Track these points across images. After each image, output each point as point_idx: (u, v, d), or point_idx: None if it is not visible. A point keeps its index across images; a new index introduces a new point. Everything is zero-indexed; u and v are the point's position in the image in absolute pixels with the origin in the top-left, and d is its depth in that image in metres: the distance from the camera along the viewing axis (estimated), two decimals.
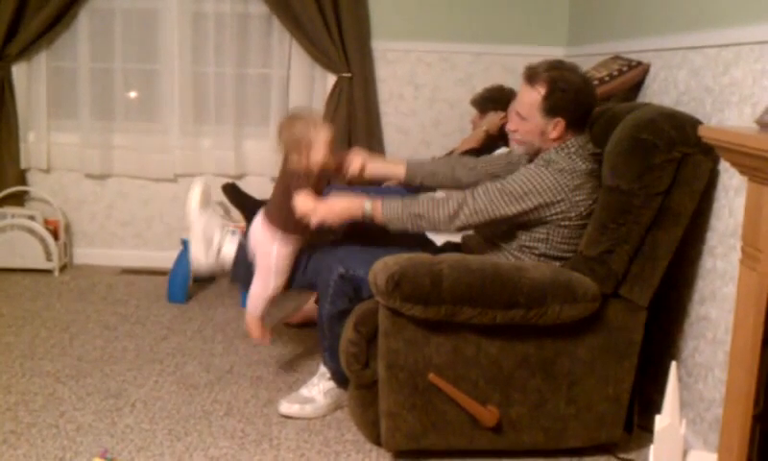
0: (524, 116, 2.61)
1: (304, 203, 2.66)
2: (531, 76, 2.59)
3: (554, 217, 2.53)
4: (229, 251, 2.88)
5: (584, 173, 2.54)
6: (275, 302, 2.90)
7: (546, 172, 2.52)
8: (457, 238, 2.96)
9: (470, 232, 2.89)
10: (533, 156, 2.67)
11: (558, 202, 2.51)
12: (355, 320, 2.52)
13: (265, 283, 2.82)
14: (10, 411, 2.73)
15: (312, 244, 2.83)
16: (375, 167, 2.97)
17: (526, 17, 4.44)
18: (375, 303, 2.45)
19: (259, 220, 2.83)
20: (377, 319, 2.45)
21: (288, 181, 2.73)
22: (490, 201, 2.52)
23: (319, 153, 2.68)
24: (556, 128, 2.56)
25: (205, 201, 2.92)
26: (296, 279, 2.88)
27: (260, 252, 2.81)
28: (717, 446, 1.80)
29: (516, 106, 2.66)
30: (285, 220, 2.75)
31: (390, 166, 3.03)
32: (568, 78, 2.57)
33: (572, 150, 2.57)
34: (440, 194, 2.70)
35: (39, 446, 2.51)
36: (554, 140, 2.59)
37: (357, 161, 2.92)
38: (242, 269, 2.90)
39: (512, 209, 2.51)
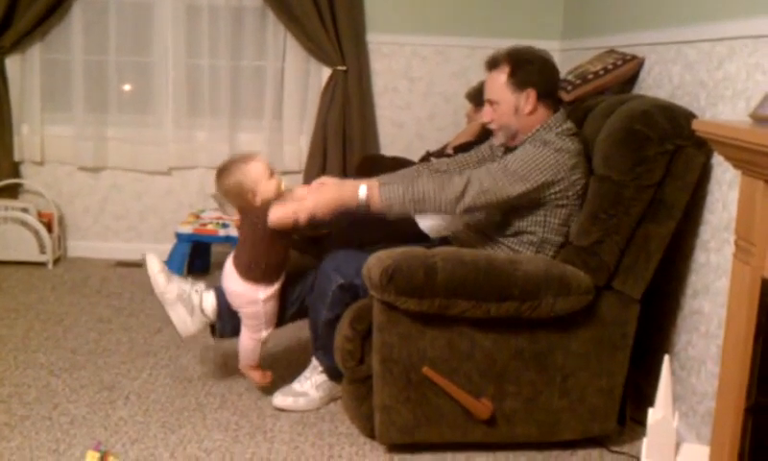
0: (496, 100, 2.65)
1: (282, 211, 2.56)
2: (493, 62, 2.67)
3: (553, 197, 2.54)
4: (209, 305, 2.79)
5: (576, 152, 2.56)
6: (264, 343, 2.85)
7: (546, 151, 2.53)
8: (447, 232, 2.95)
9: (459, 227, 2.88)
10: (510, 141, 2.69)
11: (558, 181, 2.52)
12: (351, 317, 2.52)
13: (256, 334, 2.77)
14: (3, 403, 2.72)
15: (306, 242, 2.78)
16: None
17: (521, 11, 4.44)
18: (371, 299, 2.45)
19: (232, 271, 2.72)
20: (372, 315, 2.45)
21: (252, 226, 2.65)
22: (494, 181, 2.52)
23: (265, 186, 2.61)
24: (528, 100, 2.60)
25: (167, 273, 2.81)
26: (286, 316, 2.86)
27: (246, 308, 2.73)
28: (710, 438, 1.80)
29: (486, 95, 2.69)
30: (263, 271, 2.68)
31: None
32: (529, 51, 2.65)
33: (559, 130, 2.60)
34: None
35: (33, 438, 2.51)
36: (529, 115, 2.61)
37: None
38: (227, 323, 2.83)
39: (517, 189, 2.51)
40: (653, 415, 2.10)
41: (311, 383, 2.81)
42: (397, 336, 2.41)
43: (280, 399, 2.79)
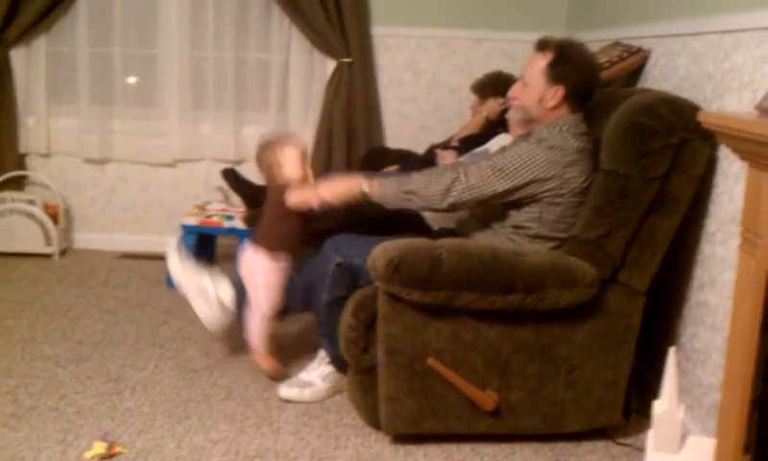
0: (528, 82, 2.66)
1: (300, 192, 2.71)
2: (542, 44, 2.67)
3: (546, 194, 2.54)
4: (225, 295, 2.93)
5: (575, 150, 2.56)
6: (275, 332, 2.91)
7: (537, 149, 2.54)
8: (452, 224, 2.96)
9: (464, 216, 2.88)
10: (524, 126, 2.70)
11: (549, 178, 2.52)
12: (354, 306, 2.52)
13: (257, 307, 2.83)
14: (10, 394, 2.73)
15: (317, 231, 2.84)
16: None
17: (526, 3, 4.43)
18: (374, 288, 2.46)
19: (248, 254, 2.87)
20: (376, 304, 2.45)
21: (271, 201, 2.82)
22: (482, 177, 2.54)
23: (290, 169, 2.79)
24: (555, 96, 2.60)
25: (183, 259, 2.96)
26: (292, 303, 2.90)
27: (249, 277, 2.85)
28: (715, 430, 1.81)
29: (523, 72, 2.71)
30: (271, 238, 2.81)
31: None
32: (577, 50, 2.65)
33: (564, 128, 2.60)
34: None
35: (40, 429, 2.52)
36: (551, 109, 2.62)
37: None
38: (245, 310, 2.91)
39: (503, 185, 2.53)
40: (658, 407, 2.10)
41: (318, 374, 2.82)
42: (402, 327, 2.42)
43: (286, 390, 2.80)
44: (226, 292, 2.92)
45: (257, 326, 2.85)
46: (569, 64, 2.61)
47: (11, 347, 3.13)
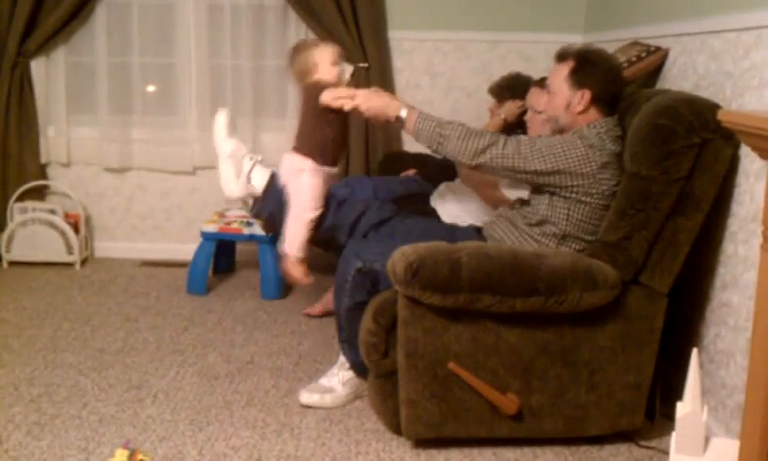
0: (553, 91, 2.69)
1: (334, 93, 2.72)
2: (562, 54, 2.71)
3: (575, 191, 2.55)
4: (258, 180, 2.90)
5: (612, 154, 2.57)
6: (309, 242, 2.89)
7: (579, 143, 2.56)
8: (479, 222, 2.96)
9: (493, 217, 2.87)
10: (555, 134, 2.71)
11: (582, 174, 2.53)
12: (374, 310, 2.52)
13: (300, 217, 2.82)
14: (33, 403, 2.75)
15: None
16: None
17: (542, 4, 4.42)
18: (394, 293, 2.45)
19: (289, 156, 2.87)
20: (396, 309, 2.45)
21: (306, 103, 2.82)
22: (519, 150, 2.57)
23: (325, 68, 2.84)
24: (582, 100, 2.62)
25: (231, 129, 2.94)
26: (326, 220, 2.88)
27: (292, 186, 2.83)
28: (739, 432, 1.79)
29: (547, 82, 2.75)
30: (314, 146, 2.82)
31: None
32: (598, 54, 2.68)
33: (602, 130, 2.61)
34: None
35: (63, 437, 2.54)
36: (579, 114, 2.64)
37: None
38: (269, 206, 2.90)
39: (536, 165, 2.55)
40: (681, 409, 2.08)
41: (338, 379, 2.81)
42: (422, 331, 2.41)
43: (306, 396, 2.80)
44: (259, 177, 2.89)
45: (295, 229, 2.84)
46: (591, 68, 2.63)
47: (33, 355, 3.16)
